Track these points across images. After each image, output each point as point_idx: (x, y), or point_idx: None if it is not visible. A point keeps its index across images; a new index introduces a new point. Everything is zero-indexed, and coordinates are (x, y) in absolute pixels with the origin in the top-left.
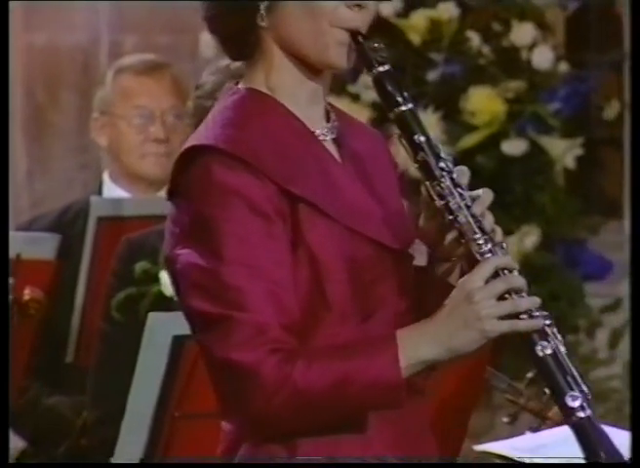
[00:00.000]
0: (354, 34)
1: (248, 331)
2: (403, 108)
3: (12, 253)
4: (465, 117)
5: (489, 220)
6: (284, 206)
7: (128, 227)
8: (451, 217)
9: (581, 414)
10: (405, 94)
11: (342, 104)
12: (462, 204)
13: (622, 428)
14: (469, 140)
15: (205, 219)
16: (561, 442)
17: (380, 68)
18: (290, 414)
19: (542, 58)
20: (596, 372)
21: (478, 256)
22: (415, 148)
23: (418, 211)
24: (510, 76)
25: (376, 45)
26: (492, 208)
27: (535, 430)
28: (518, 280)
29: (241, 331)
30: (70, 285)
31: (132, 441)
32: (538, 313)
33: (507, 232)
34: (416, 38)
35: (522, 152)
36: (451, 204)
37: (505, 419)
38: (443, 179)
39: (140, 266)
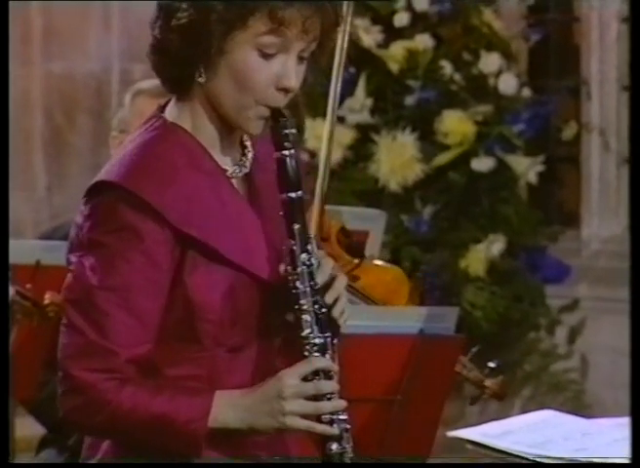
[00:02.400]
0: (275, 112)
1: (93, 354)
2: (292, 195)
3: (32, 260)
4: (439, 137)
5: (340, 306)
6: (175, 250)
7: None
8: (297, 307)
9: None
10: (299, 180)
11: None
12: (311, 302)
13: (580, 415)
14: (443, 158)
15: (101, 246)
16: (525, 428)
17: (285, 152)
18: (108, 434)
19: (508, 84)
20: (556, 366)
21: (306, 353)
22: (289, 234)
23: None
24: (479, 101)
25: (288, 131)
26: (462, 219)
27: (475, 399)
28: (329, 386)
29: (88, 351)
30: None
31: None
32: (341, 416)
33: (476, 240)
34: (394, 67)
35: (489, 169)
36: (301, 300)
37: (469, 401)
38: (302, 274)
39: None
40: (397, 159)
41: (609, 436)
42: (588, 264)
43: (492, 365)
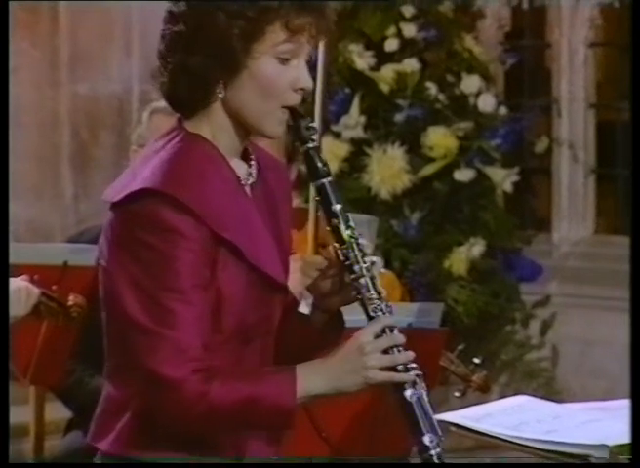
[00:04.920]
0: (293, 112)
1: (173, 349)
2: (324, 181)
3: (59, 262)
4: (425, 151)
5: (378, 282)
6: (211, 248)
7: None
8: (353, 276)
9: (433, 453)
10: (327, 167)
11: (326, 141)
12: (364, 268)
13: (552, 400)
14: (428, 170)
15: (150, 248)
16: (502, 412)
17: (310, 144)
18: (202, 425)
19: (486, 103)
20: (529, 355)
21: (372, 313)
22: (330, 215)
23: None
24: (461, 118)
25: (310, 125)
26: (446, 224)
27: (462, 393)
28: (399, 338)
29: (168, 348)
30: None
31: None
32: (412, 365)
33: (458, 243)
34: (385, 87)
35: (470, 179)
36: (354, 267)
37: (457, 394)
38: (351, 245)
39: None
40: (387, 170)
41: (577, 419)
42: (559, 264)
43: (477, 360)
